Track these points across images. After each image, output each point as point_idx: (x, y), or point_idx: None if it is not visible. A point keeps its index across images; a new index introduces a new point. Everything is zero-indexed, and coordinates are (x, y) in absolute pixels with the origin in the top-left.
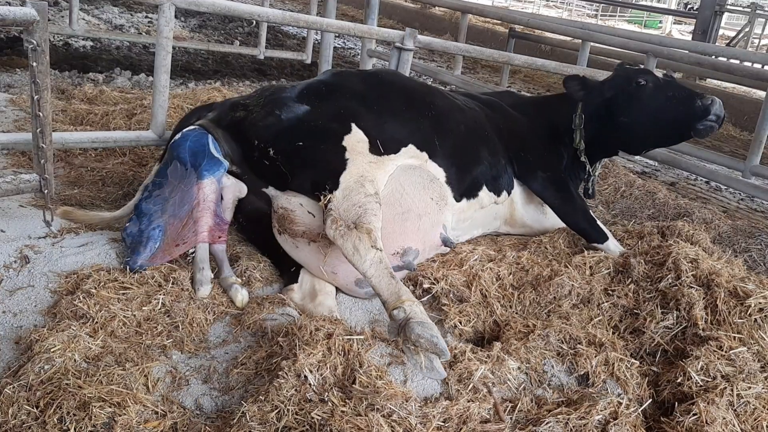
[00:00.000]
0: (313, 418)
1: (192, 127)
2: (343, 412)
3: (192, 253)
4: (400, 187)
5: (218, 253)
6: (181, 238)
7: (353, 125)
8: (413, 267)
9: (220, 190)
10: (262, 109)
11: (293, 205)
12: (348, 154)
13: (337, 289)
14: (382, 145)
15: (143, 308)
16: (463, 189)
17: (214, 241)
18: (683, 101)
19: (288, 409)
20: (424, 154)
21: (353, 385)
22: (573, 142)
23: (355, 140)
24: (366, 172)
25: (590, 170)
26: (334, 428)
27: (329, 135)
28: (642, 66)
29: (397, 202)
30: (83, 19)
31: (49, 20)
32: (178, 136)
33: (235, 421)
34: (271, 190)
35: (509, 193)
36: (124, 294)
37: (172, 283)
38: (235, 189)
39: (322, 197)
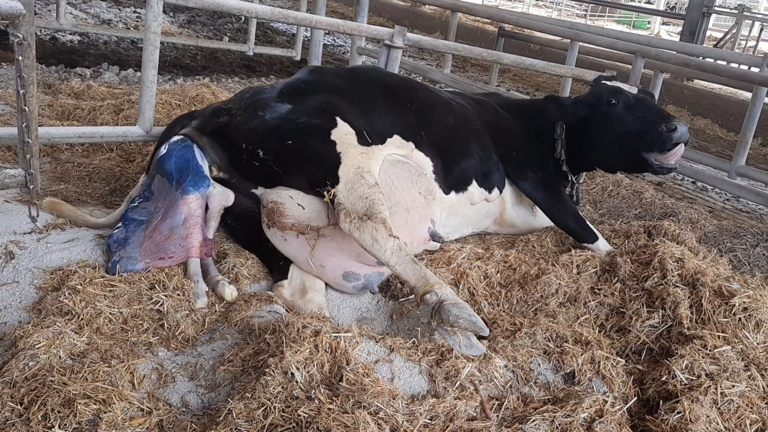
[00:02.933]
0: (299, 415)
1: (176, 138)
2: (329, 409)
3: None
4: (388, 180)
5: (205, 260)
6: (164, 251)
7: (338, 119)
8: None
9: (205, 205)
10: (245, 112)
11: (283, 198)
12: (339, 148)
13: (326, 286)
14: (369, 136)
15: (132, 306)
16: (452, 181)
17: (202, 256)
18: (648, 124)
19: (274, 407)
20: (410, 144)
21: (340, 383)
22: (554, 152)
23: (343, 133)
24: (361, 163)
25: (573, 179)
26: (320, 426)
27: (317, 131)
28: (617, 83)
29: (386, 195)
30: (70, 13)
31: (35, 14)
32: (163, 150)
33: (221, 418)
34: (260, 191)
35: (501, 191)
36: (111, 291)
37: (177, 290)
38: (222, 198)
39: (325, 193)
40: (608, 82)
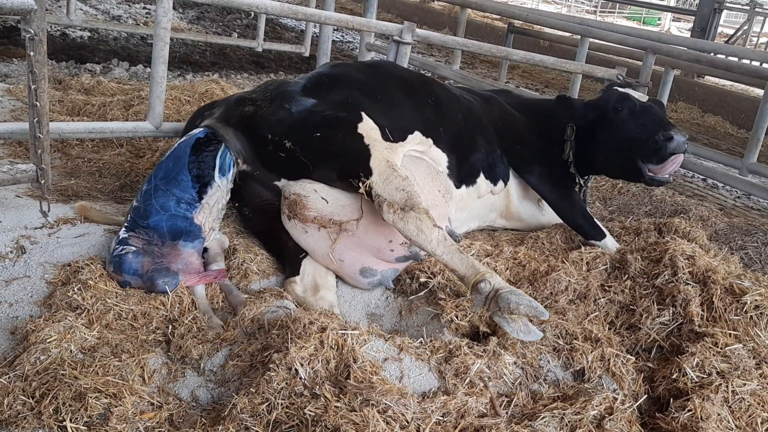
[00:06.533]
0: (305, 414)
1: (161, 206)
2: (337, 407)
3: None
4: (411, 176)
5: (223, 286)
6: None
7: (363, 113)
8: (420, 257)
9: (200, 257)
10: (270, 103)
11: (307, 190)
12: (367, 141)
13: (337, 279)
14: (390, 133)
15: (142, 304)
16: (463, 175)
17: (206, 282)
18: (646, 132)
19: (278, 403)
20: (429, 140)
21: (347, 380)
22: (563, 152)
23: (368, 127)
24: (389, 157)
25: (581, 181)
26: (328, 423)
27: (344, 124)
28: (629, 89)
29: None
30: (81, 9)
31: (46, 10)
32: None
33: (226, 413)
34: (282, 183)
35: (505, 183)
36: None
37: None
38: (218, 243)
39: (360, 184)
40: (619, 89)
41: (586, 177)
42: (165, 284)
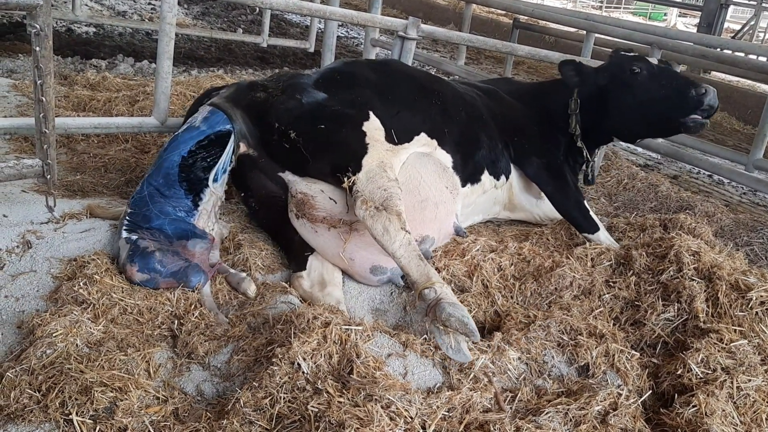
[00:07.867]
0: (308, 410)
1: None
2: (340, 402)
3: None
4: (417, 174)
5: (220, 269)
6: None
7: (371, 113)
8: (430, 255)
9: (209, 253)
10: (282, 93)
11: (314, 191)
12: (368, 140)
13: (344, 276)
14: (396, 135)
15: (148, 299)
16: (467, 175)
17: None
18: (677, 90)
19: (281, 397)
20: (434, 142)
21: (350, 375)
22: (569, 127)
23: (373, 128)
24: (385, 158)
25: (588, 156)
26: (332, 419)
27: (349, 120)
28: (637, 53)
29: (416, 190)
30: (86, 5)
31: (52, 5)
32: (155, 219)
33: (230, 407)
34: (288, 175)
35: (507, 178)
36: (128, 283)
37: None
38: (218, 235)
39: (345, 179)
40: (627, 53)
41: (593, 151)
42: (198, 281)
